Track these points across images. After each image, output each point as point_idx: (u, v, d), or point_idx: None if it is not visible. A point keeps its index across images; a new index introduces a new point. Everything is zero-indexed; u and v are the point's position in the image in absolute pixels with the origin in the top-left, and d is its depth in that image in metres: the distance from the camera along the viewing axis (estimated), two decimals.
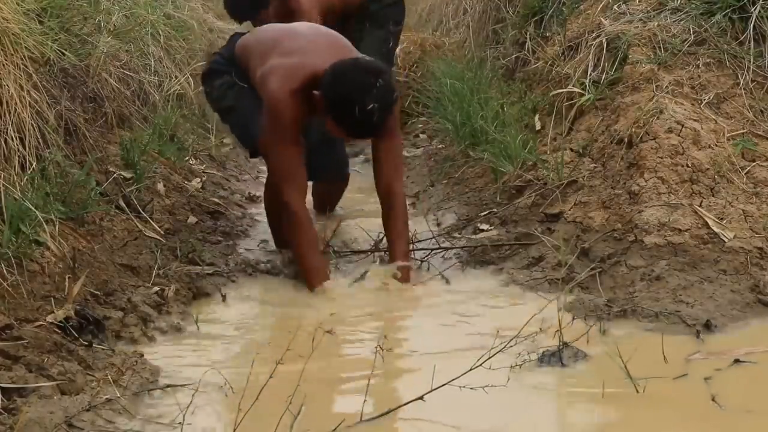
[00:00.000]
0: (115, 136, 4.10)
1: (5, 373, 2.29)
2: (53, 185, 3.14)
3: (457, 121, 4.73)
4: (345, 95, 3.12)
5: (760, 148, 3.54)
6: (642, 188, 3.38)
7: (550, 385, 2.50)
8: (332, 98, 3.16)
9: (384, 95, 3.12)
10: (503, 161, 4.04)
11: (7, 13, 3.10)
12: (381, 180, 3.49)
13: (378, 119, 3.12)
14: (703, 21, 3.93)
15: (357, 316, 3.11)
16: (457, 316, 3.08)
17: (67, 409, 2.20)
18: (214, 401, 2.38)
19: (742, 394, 2.45)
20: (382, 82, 3.13)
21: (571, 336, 2.65)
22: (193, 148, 4.94)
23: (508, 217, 3.79)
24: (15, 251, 2.70)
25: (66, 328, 2.61)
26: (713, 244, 3.18)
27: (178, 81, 5.07)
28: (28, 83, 3.14)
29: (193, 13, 5.98)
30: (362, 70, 3.17)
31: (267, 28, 3.71)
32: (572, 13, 4.60)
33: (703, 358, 2.62)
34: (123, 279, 3.12)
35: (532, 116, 4.40)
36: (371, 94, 3.08)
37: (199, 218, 4.02)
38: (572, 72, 4.16)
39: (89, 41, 4.00)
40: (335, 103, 3.15)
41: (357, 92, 3.09)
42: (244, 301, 3.25)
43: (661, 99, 3.63)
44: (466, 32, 6.22)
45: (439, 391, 2.34)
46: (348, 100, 3.10)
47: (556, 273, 3.22)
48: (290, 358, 2.35)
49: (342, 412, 2.27)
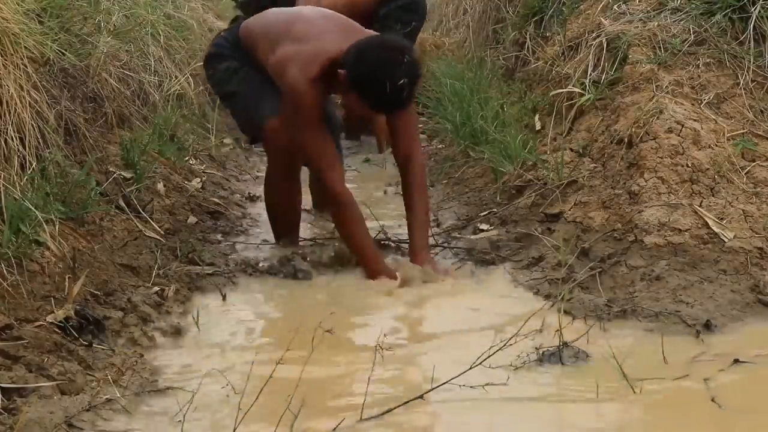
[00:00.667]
0: (115, 136, 4.09)
1: (5, 373, 2.29)
2: (53, 185, 3.14)
3: (457, 121, 4.73)
4: (374, 73, 3.18)
5: (760, 148, 3.54)
6: (642, 188, 3.38)
7: (550, 384, 2.50)
8: (360, 76, 3.22)
9: (412, 69, 3.21)
10: (503, 161, 4.04)
11: (7, 13, 3.10)
12: (400, 149, 3.57)
13: (408, 93, 3.21)
14: (703, 21, 3.93)
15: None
16: (456, 315, 3.08)
17: (67, 409, 2.20)
18: (214, 401, 2.37)
19: (743, 395, 2.45)
20: (409, 57, 3.22)
21: (571, 336, 2.65)
22: (193, 148, 4.94)
23: (508, 217, 3.79)
24: (15, 251, 2.70)
25: (66, 328, 2.61)
26: (713, 244, 3.18)
27: (178, 81, 5.07)
28: (28, 83, 3.14)
29: (193, 13, 5.99)
30: (388, 47, 3.27)
31: (273, 12, 3.70)
32: (572, 13, 4.61)
33: (707, 360, 2.62)
34: (123, 279, 3.11)
35: (532, 116, 4.40)
36: (401, 69, 3.17)
37: (199, 218, 4.02)
38: (572, 72, 4.16)
39: (89, 41, 4.00)
40: (364, 80, 3.22)
41: (387, 68, 3.17)
42: (244, 301, 3.25)
43: (661, 99, 3.63)
44: (466, 32, 6.23)
45: (439, 390, 2.34)
46: (378, 77, 3.17)
47: (556, 273, 3.22)
48: (290, 358, 2.35)
49: (342, 412, 2.27)
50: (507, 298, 3.20)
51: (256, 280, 3.43)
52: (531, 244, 3.54)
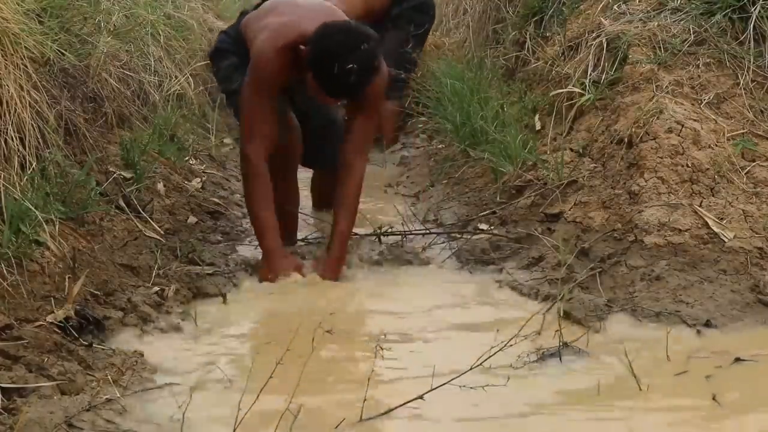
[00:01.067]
0: (115, 136, 4.09)
1: (5, 373, 2.29)
2: (53, 185, 3.14)
3: (457, 121, 4.72)
4: (327, 51, 3.16)
5: (760, 148, 3.54)
6: (642, 188, 3.38)
7: (550, 384, 2.50)
8: (315, 53, 3.19)
9: (365, 59, 3.16)
10: (503, 161, 4.04)
11: (7, 13, 3.10)
12: (345, 152, 3.50)
13: (355, 81, 3.15)
14: (703, 21, 3.93)
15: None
16: (457, 315, 3.09)
17: (67, 409, 2.20)
18: (214, 401, 2.38)
19: (743, 393, 2.45)
20: (367, 47, 3.17)
21: (571, 336, 2.65)
22: (193, 148, 4.94)
23: (508, 217, 3.79)
24: (15, 251, 2.70)
25: (66, 328, 2.61)
26: (713, 244, 3.18)
27: (178, 81, 5.07)
28: (28, 83, 3.13)
29: (193, 13, 5.98)
30: (350, 32, 3.23)
31: (269, 1, 3.68)
32: (572, 13, 4.60)
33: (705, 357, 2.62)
34: (123, 279, 3.11)
35: (532, 116, 4.40)
36: (353, 54, 3.12)
37: (199, 218, 4.02)
38: (572, 72, 4.16)
39: (89, 41, 4.00)
40: (317, 58, 3.19)
41: (341, 50, 3.13)
42: (244, 301, 3.25)
43: (661, 99, 3.63)
44: (466, 32, 6.21)
45: (439, 391, 2.34)
46: (329, 56, 3.14)
47: (556, 273, 3.22)
48: (290, 358, 2.35)
49: (342, 412, 2.27)
50: (507, 299, 3.20)
51: (256, 280, 3.42)
52: (531, 244, 3.54)
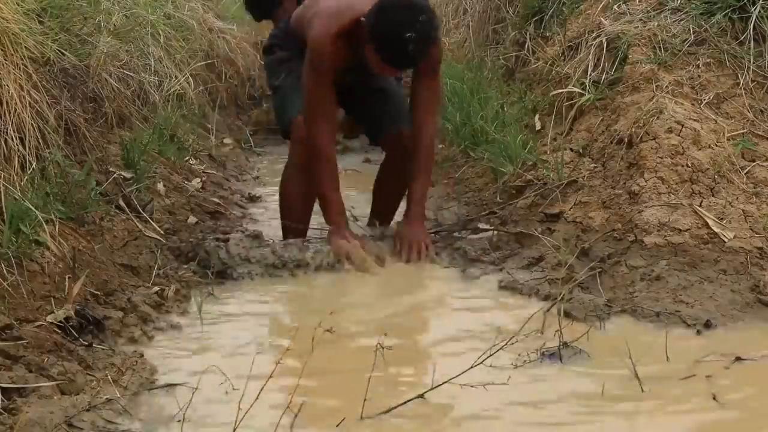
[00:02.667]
0: (115, 136, 4.10)
1: (5, 373, 2.28)
2: (53, 185, 3.14)
3: (457, 121, 4.73)
4: (386, 22, 3.26)
5: (760, 148, 3.54)
6: (642, 188, 3.38)
7: (551, 383, 2.50)
8: (373, 25, 3.29)
9: (423, 28, 3.26)
10: (503, 161, 4.04)
11: (7, 13, 3.10)
12: (415, 115, 3.61)
13: (414, 50, 3.24)
14: (703, 21, 3.93)
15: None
16: (457, 314, 3.09)
17: (67, 409, 2.20)
18: (214, 401, 2.37)
19: (743, 393, 2.45)
20: (425, 18, 3.27)
21: (571, 336, 2.65)
22: (193, 148, 4.94)
23: (508, 217, 3.79)
24: (15, 251, 2.70)
25: (66, 328, 2.61)
26: (713, 244, 3.18)
27: (178, 81, 5.07)
28: (28, 83, 3.14)
29: (193, 13, 5.98)
30: (408, 5, 3.31)
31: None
32: (572, 13, 4.60)
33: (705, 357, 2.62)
34: (123, 279, 3.11)
35: (532, 116, 4.40)
36: (411, 24, 3.22)
37: (199, 218, 4.02)
38: (572, 72, 4.16)
39: (89, 41, 4.00)
40: (376, 30, 3.28)
41: (400, 22, 3.24)
42: (244, 300, 3.25)
43: (661, 99, 3.63)
44: (466, 32, 6.22)
45: (440, 389, 2.34)
46: (388, 27, 3.25)
47: (556, 273, 3.22)
48: (290, 357, 2.35)
49: (342, 411, 2.27)
50: (507, 298, 3.20)
51: (255, 279, 3.42)
52: (531, 244, 3.53)
